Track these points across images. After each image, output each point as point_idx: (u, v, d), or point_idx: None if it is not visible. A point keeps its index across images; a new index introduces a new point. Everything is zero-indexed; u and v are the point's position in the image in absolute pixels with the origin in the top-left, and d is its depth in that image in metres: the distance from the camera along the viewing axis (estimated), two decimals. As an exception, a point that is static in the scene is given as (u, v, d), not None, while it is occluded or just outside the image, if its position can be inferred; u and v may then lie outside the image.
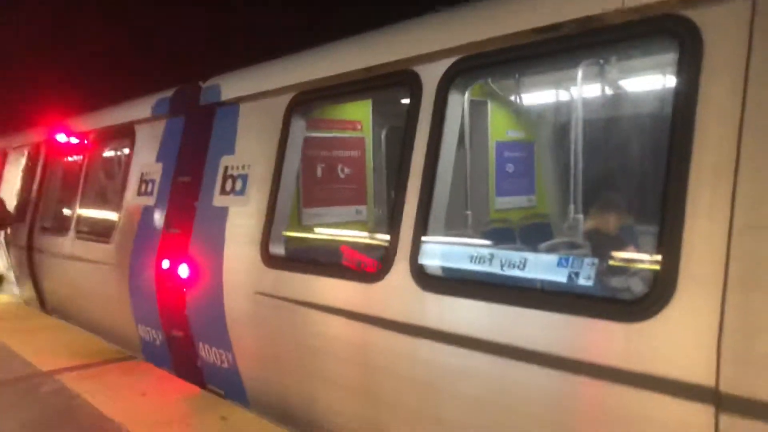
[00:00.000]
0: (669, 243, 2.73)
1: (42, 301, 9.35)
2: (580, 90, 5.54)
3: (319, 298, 4.49)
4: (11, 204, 10.62)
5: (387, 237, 4.10)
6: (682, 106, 2.78)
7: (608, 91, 5.69)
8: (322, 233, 5.92)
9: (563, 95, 6.54)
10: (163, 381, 5.66)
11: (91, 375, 5.85)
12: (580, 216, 5.29)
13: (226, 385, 5.49)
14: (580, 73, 5.29)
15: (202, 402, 5.14)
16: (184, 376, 5.76)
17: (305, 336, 4.60)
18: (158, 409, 4.95)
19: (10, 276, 10.53)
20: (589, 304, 3.08)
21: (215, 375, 5.64)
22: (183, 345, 5.97)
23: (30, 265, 9.42)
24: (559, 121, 6.86)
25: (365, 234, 5.88)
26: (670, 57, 3.22)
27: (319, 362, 4.52)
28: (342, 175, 6.45)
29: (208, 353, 5.64)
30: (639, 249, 5.00)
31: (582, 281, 3.21)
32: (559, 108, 6.69)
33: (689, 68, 2.78)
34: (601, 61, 5.13)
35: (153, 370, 5.98)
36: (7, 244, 10.34)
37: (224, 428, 4.51)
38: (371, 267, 4.63)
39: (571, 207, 5.67)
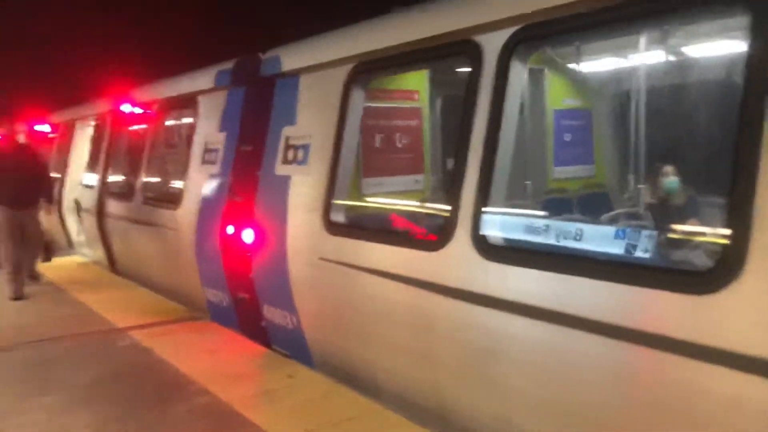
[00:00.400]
0: (739, 213, 2.69)
1: (112, 263, 9.85)
2: (643, 56, 5.45)
3: (379, 265, 4.63)
4: (80, 172, 11.15)
5: (446, 206, 4.20)
6: (755, 71, 2.72)
7: (672, 58, 5.57)
8: (381, 202, 6.04)
9: (624, 62, 6.43)
10: (231, 340, 5.96)
11: (163, 332, 6.22)
12: (641, 186, 5.25)
13: (291, 347, 5.74)
14: (643, 40, 5.21)
15: (269, 361, 5.41)
16: (250, 336, 6.05)
17: (366, 301, 4.76)
18: (227, 365, 5.24)
19: (82, 239, 11.10)
20: (656, 275, 3.08)
21: (280, 336, 5.90)
22: (249, 307, 6.24)
23: (100, 229, 9.90)
24: (619, 88, 6.74)
25: (424, 203, 5.98)
26: (740, 20, 3.16)
27: (380, 326, 4.68)
28: (400, 145, 6.54)
29: (273, 315, 5.90)
30: (704, 220, 4.94)
31: (640, 254, 3.22)
32: (619, 75, 6.57)
33: (763, 30, 2.72)
34: (666, 27, 5.03)
35: (220, 329, 6.30)
36: (78, 209, 10.88)
37: (291, 385, 4.75)
38: (421, 236, 4.74)
39: (631, 177, 5.63)
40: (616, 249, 3.31)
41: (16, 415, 4.36)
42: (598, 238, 3.45)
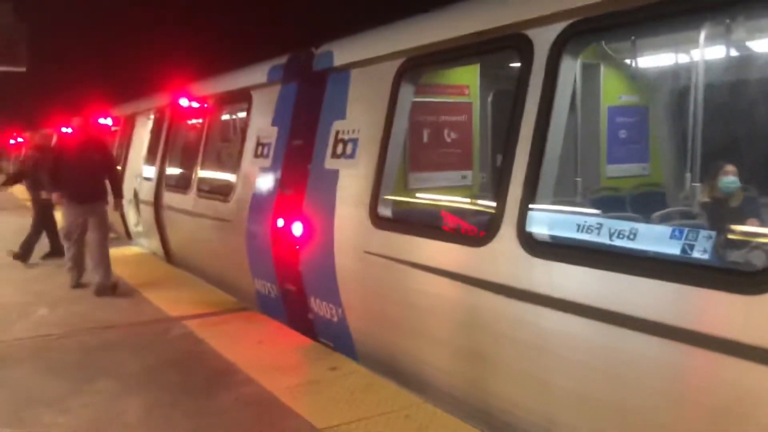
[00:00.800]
0: None
1: (167, 254, 10.15)
2: (702, 52, 5.26)
3: (424, 259, 4.64)
4: (140, 164, 11.50)
5: (492, 201, 4.16)
6: None
7: (733, 53, 5.35)
8: (428, 197, 6.02)
9: (682, 57, 6.22)
10: (278, 331, 6.06)
11: (213, 323, 6.37)
12: (698, 185, 5.08)
13: (336, 339, 5.80)
14: (702, 35, 5.03)
15: (314, 353, 5.47)
16: (297, 328, 6.14)
17: (410, 294, 4.77)
18: (273, 356, 5.33)
19: (140, 229, 11.46)
20: (708, 274, 2.99)
21: (325, 328, 5.97)
22: (296, 299, 6.34)
23: (157, 220, 10.21)
24: (676, 85, 6.53)
25: (471, 199, 5.94)
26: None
27: (424, 320, 4.68)
28: (448, 140, 6.50)
29: (319, 308, 5.97)
30: (763, 220, 4.75)
31: (697, 254, 3.12)
32: (677, 71, 6.37)
33: None
34: (727, 21, 4.84)
35: (268, 321, 6.40)
36: (137, 200, 11.23)
37: (333, 378, 4.80)
38: (467, 232, 4.70)
39: (688, 176, 5.46)
40: (671, 249, 3.21)
41: (72, 398, 4.54)
42: (651, 238, 3.37)
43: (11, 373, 5.06)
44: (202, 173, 8.88)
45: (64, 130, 18.21)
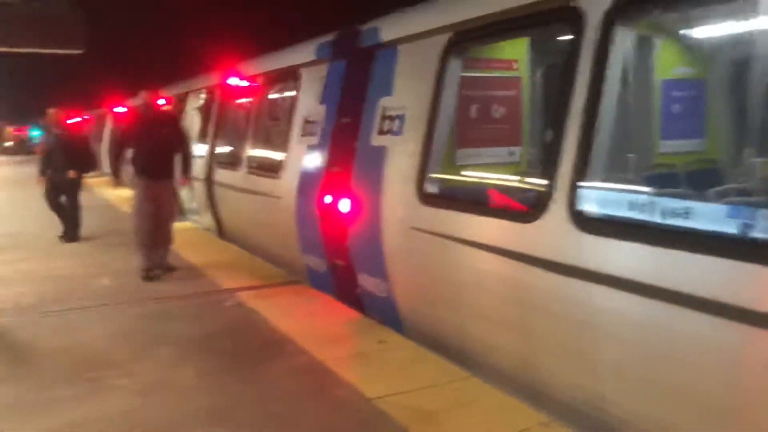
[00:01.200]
0: None
1: (220, 229, 10.42)
2: (765, 20, 5.06)
3: (471, 235, 4.65)
4: (192, 142, 11.76)
5: (542, 177, 4.14)
6: None
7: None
8: (475, 174, 6.01)
9: (742, 26, 5.98)
10: (328, 305, 6.21)
11: (265, 295, 6.55)
12: (757, 161, 4.92)
13: (383, 313, 5.89)
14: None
15: (362, 326, 5.60)
16: (345, 302, 6.26)
17: (458, 270, 4.81)
18: (323, 328, 5.47)
19: (193, 206, 11.77)
20: (761, 250, 2.92)
21: (373, 303, 6.07)
22: (344, 274, 6.45)
23: (210, 197, 10.48)
24: (736, 56, 6.30)
25: (519, 175, 5.89)
26: None
27: (471, 296, 4.72)
28: (496, 116, 6.44)
29: (366, 282, 6.07)
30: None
31: (756, 234, 3.05)
32: (737, 41, 6.13)
33: None
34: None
35: (318, 294, 6.56)
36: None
37: (381, 350, 4.90)
38: (515, 208, 4.68)
39: (747, 151, 5.30)
40: (728, 228, 3.14)
41: (132, 363, 4.78)
42: (707, 217, 3.29)
43: (77, 338, 5.33)
44: (252, 151, 9.06)
45: (116, 110, 18.79)
